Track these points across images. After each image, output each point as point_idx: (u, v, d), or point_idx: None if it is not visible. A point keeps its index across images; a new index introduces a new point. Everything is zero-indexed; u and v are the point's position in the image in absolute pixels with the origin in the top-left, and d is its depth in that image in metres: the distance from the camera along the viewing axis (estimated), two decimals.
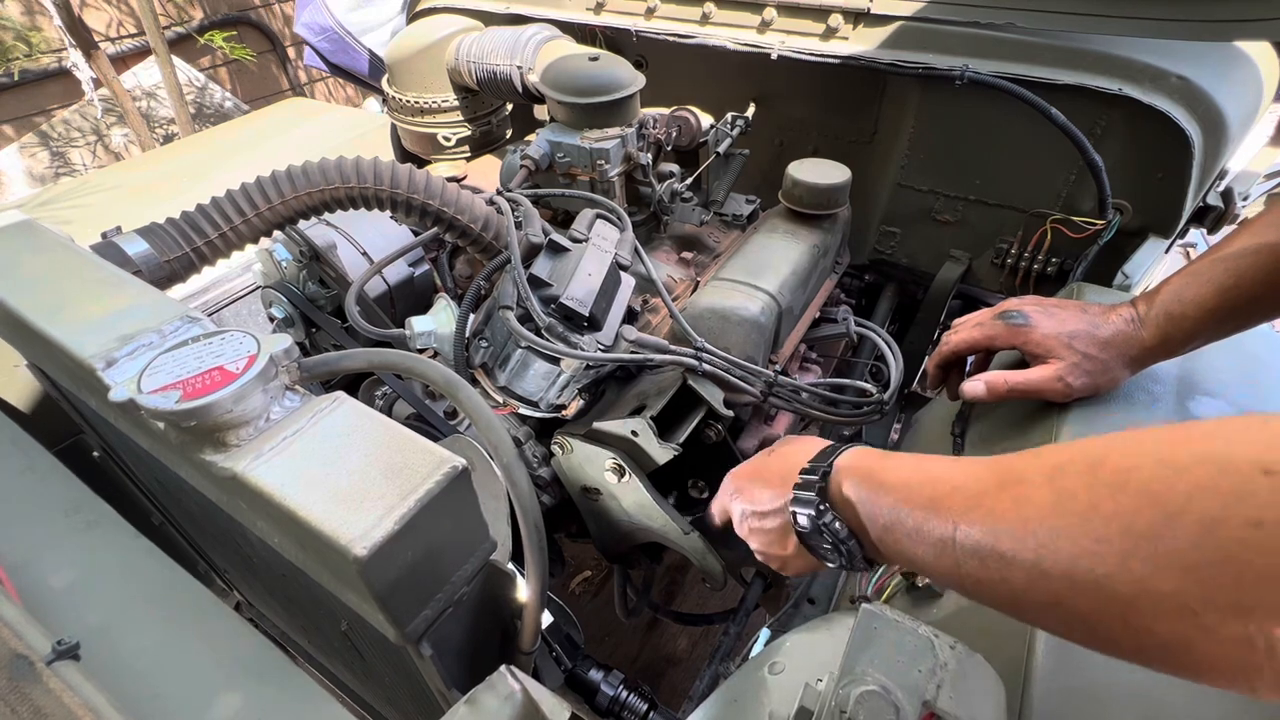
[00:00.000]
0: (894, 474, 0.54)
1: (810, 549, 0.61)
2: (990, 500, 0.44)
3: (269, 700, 0.60)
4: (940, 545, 0.46)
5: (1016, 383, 0.78)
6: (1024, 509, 0.41)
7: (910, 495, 0.50)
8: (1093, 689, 0.53)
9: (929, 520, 0.47)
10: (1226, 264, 0.68)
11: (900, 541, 0.51)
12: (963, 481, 0.47)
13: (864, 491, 0.55)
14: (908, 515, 0.50)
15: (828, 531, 0.57)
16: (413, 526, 0.50)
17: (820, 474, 0.59)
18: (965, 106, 1.26)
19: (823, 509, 0.58)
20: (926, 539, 0.47)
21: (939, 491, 0.48)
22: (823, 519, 0.58)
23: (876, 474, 0.55)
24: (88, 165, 3.68)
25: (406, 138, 1.54)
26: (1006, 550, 0.41)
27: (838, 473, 0.59)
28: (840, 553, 0.57)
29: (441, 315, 1.06)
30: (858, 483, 0.56)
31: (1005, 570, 0.41)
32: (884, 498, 0.53)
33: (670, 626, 1.96)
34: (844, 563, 0.58)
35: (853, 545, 0.56)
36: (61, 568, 0.69)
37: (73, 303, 0.68)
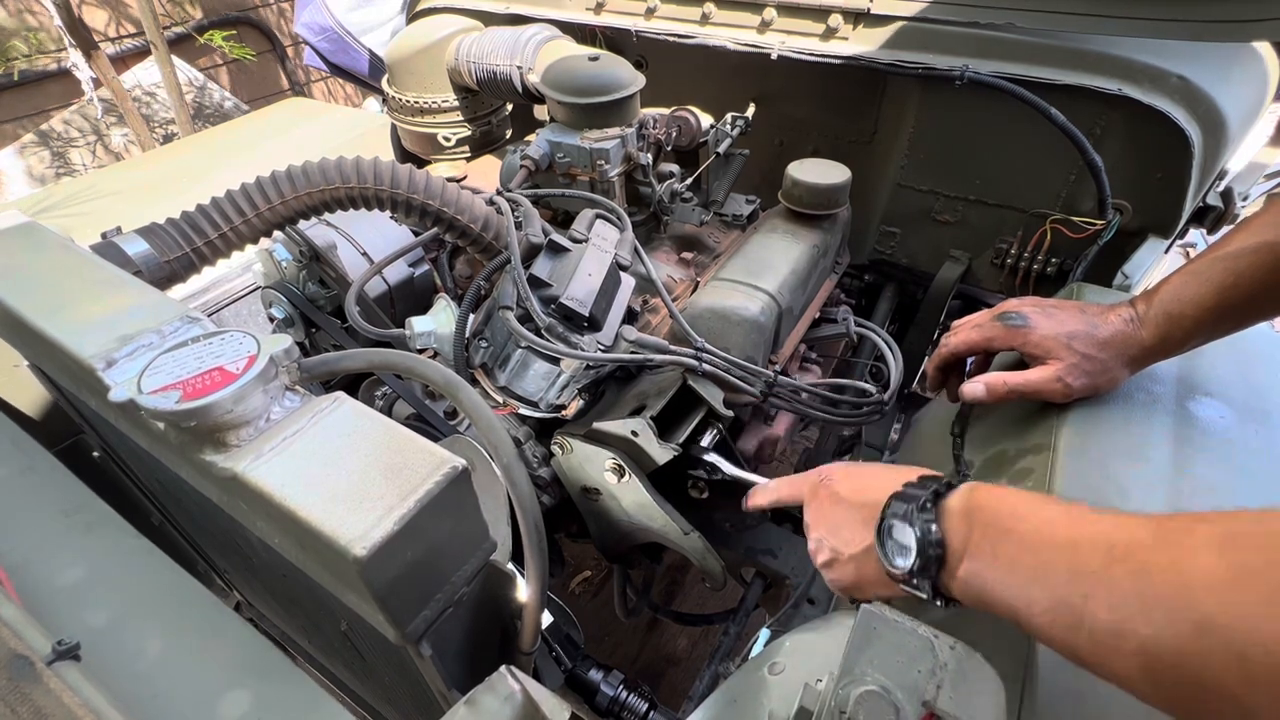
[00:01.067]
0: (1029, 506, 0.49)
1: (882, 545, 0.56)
2: (1143, 557, 0.40)
3: (269, 700, 0.60)
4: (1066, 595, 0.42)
5: (1016, 384, 0.78)
6: (1187, 575, 0.37)
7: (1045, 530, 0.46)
8: (1093, 689, 0.53)
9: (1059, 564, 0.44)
10: (1225, 263, 0.68)
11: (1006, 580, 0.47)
12: (1109, 530, 0.43)
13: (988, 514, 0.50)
14: (1033, 553, 0.46)
15: (919, 526, 0.52)
16: (413, 527, 0.50)
17: (944, 483, 0.55)
18: (965, 107, 1.26)
19: (928, 506, 0.53)
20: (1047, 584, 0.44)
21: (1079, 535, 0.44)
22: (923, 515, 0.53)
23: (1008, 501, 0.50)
24: (88, 165, 3.68)
25: (406, 138, 1.54)
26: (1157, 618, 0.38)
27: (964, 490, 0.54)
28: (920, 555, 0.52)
29: (441, 315, 1.06)
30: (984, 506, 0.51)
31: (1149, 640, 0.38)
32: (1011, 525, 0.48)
33: (670, 626, 1.96)
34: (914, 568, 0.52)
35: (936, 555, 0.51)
36: (61, 568, 0.69)
37: (73, 303, 0.68)
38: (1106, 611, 0.40)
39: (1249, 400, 0.79)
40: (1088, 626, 0.41)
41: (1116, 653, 0.40)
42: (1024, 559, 0.46)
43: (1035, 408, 0.81)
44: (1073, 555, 0.43)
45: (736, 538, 1.17)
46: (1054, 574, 0.44)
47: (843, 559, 0.61)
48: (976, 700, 0.45)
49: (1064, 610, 0.42)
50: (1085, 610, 0.41)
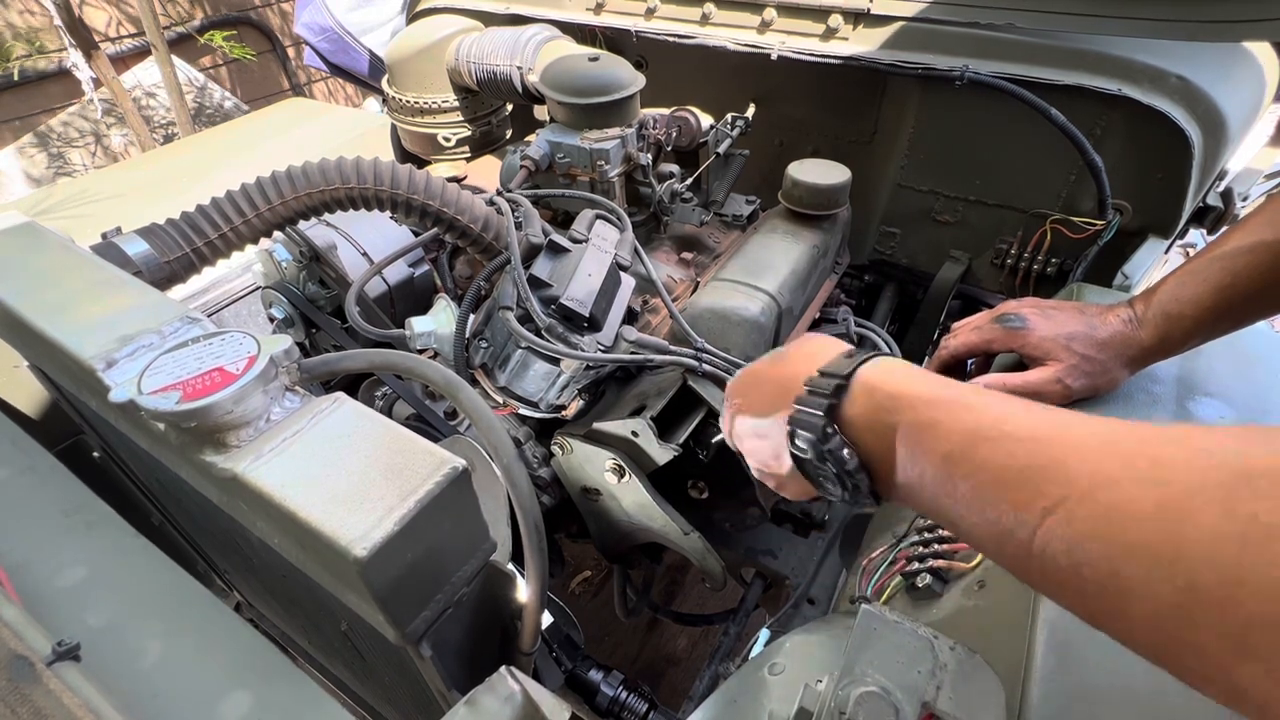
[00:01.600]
0: (949, 411, 0.42)
1: (807, 476, 0.52)
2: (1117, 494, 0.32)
3: (269, 700, 0.60)
4: (1010, 525, 0.36)
5: (1015, 385, 0.78)
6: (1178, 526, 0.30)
7: (974, 454, 0.39)
8: (1092, 689, 0.54)
9: (999, 493, 0.37)
10: (1223, 262, 0.68)
11: (940, 500, 0.41)
12: (1064, 451, 0.36)
13: (901, 425, 0.44)
14: (964, 478, 0.39)
15: (832, 460, 0.47)
16: (413, 527, 0.50)
17: (833, 388, 0.48)
18: (965, 107, 1.26)
19: (830, 432, 0.47)
20: (986, 512, 0.38)
21: (1026, 455, 0.37)
22: (827, 445, 0.47)
23: (920, 406, 0.44)
24: (87, 166, 3.68)
25: (406, 138, 1.54)
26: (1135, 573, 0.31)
27: (860, 389, 0.48)
28: (844, 486, 0.48)
29: (441, 316, 1.06)
30: (888, 409, 0.45)
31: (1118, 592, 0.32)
32: (931, 445, 0.42)
33: (670, 626, 1.96)
34: (846, 497, 0.49)
35: (861, 479, 0.47)
36: (62, 568, 0.69)
37: (73, 303, 0.68)
38: (1061, 551, 0.34)
39: (1248, 400, 0.79)
40: (1038, 561, 0.35)
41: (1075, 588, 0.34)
42: (957, 483, 0.40)
43: None
44: (1014, 486, 0.37)
45: (736, 538, 1.17)
46: (994, 503, 0.38)
47: (784, 480, 0.58)
48: (976, 701, 0.45)
49: (1009, 542, 0.37)
50: (1033, 545, 0.35)
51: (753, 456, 0.61)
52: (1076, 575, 0.33)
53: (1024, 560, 0.36)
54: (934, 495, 0.42)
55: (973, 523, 0.40)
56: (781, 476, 0.58)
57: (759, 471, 0.62)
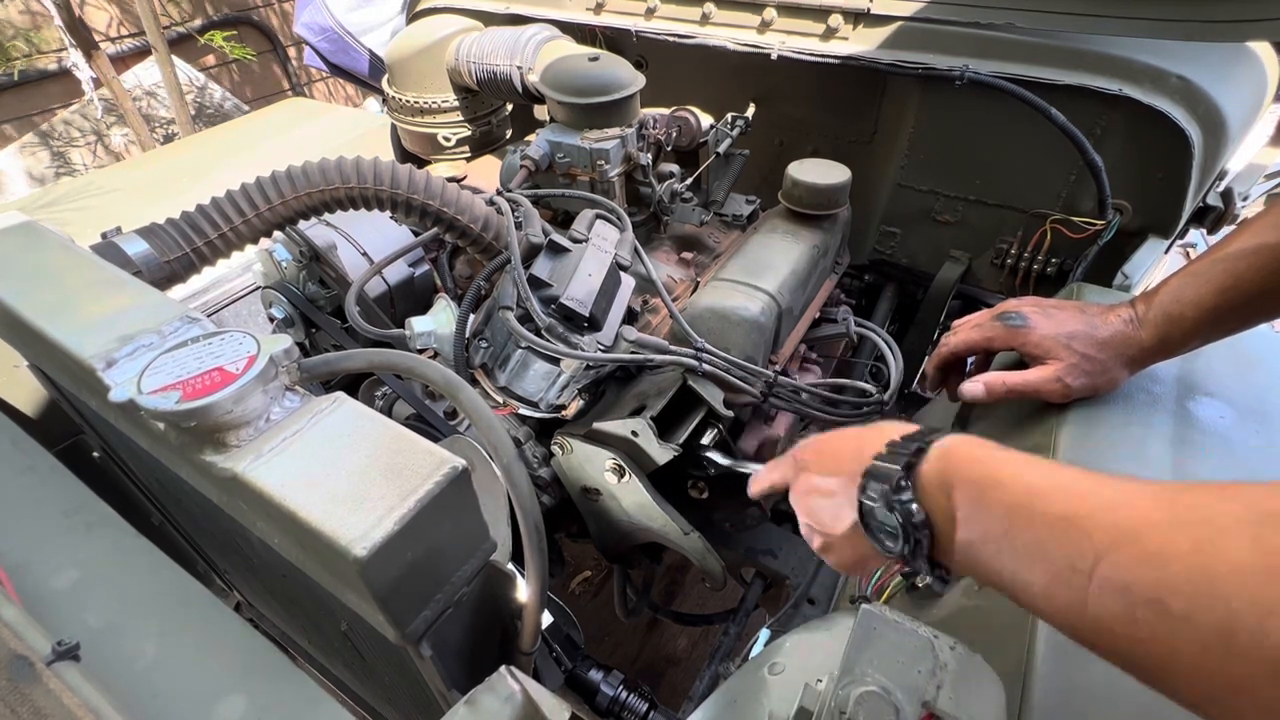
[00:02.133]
0: (1014, 469, 0.45)
1: (868, 529, 0.54)
2: (1159, 538, 0.35)
3: (269, 700, 0.60)
4: (1066, 574, 0.38)
5: (1015, 384, 0.78)
6: (1214, 565, 0.33)
7: (1036, 503, 0.42)
8: (1093, 689, 0.54)
9: (1056, 540, 0.39)
10: (1225, 264, 0.68)
11: (1001, 556, 0.43)
12: (1116, 501, 0.39)
13: (969, 484, 0.46)
14: (1026, 527, 0.42)
15: (899, 511, 0.49)
16: (413, 527, 0.50)
17: (914, 449, 0.51)
18: (965, 107, 1.26)
19: (903, 485, 0.50)
20: (1044, 561, 0.40)
21: (1078, 507, 0.40)
22: (898, 496, 0.49)
23: (989, 466, 0.46)
24: (88, 165, 3.68)
25: (406, 138, 1.54)
26: (1176, 609, 0.33)
27: (938, 454, 0.50)
28: (906, 540, 0.49)
29: (441, 315, 1.06)
30: (960, 472, 0.47)
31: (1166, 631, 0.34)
32: (997, 495, 0.44)
33: (670, 626, 1.96)
34: (905, 553, 0.50)
35: (924, 535, 0.48)
36: (61, 568, 0.69)
37: (73, 303, 0.68)
38: (1115, 596, 0.36)
39: (1249, 400, 0.79)
40: (1091, 613, 0.37)
41: (1128, 640, 0.36)
42: (1017, 534, 0.42)
43: (1035, 408, 0.81)
44: (1071, 533, 0.39)
45: (736, 538, 1.17)
46: (1051, 554, 0.40)
47: (835, 542, 0.60)
48: (976, 700, 0.45)
49: (1064, 592, 0.39)
50: (1089, 594, 0.37)
51: (808, 514, 0.63)
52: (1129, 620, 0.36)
53: (1080, 607, 0.38)
54: (995, 552, 0.44)
55: (1030, 575, 0.42)
56: (833, 537, 0.59)
57: (807, 528, 0.64)
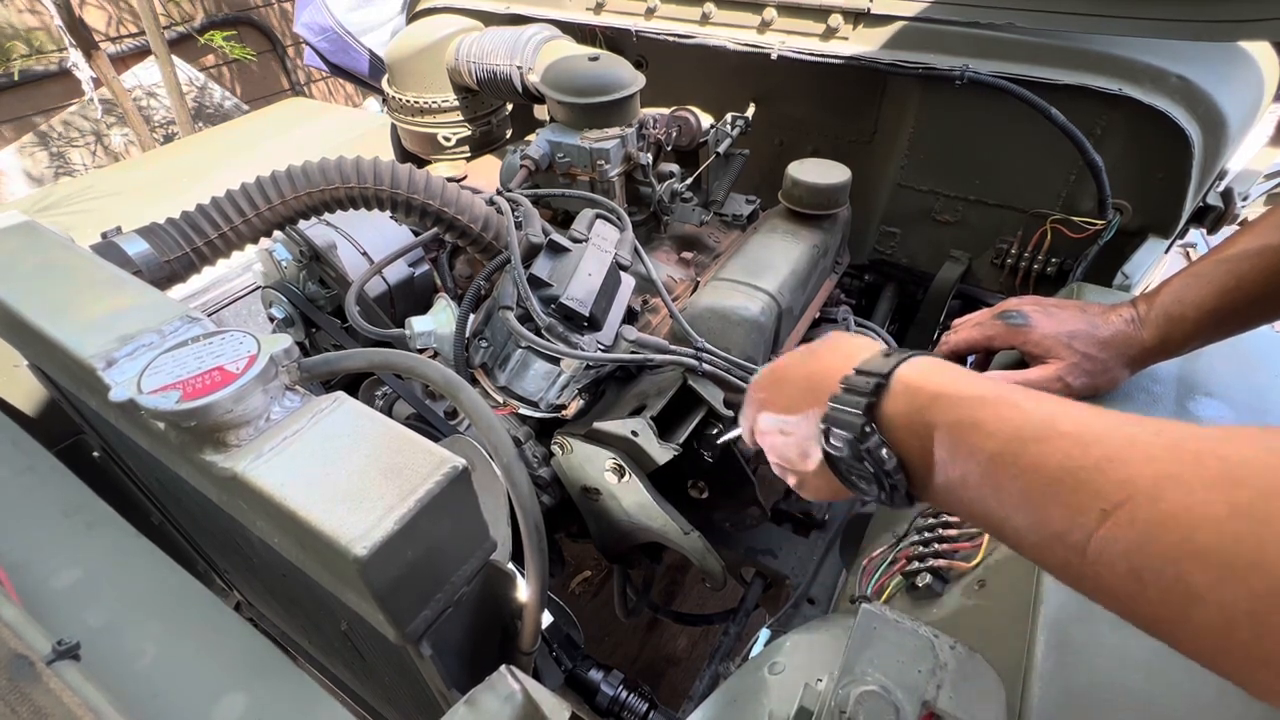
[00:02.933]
0: (994, 410, 0.41)
1: (839, 475, 0.50)
2: (1183, 498, 0.31)
3: (269, 700, 0.60)
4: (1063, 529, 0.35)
5: (1015, 383, 0.78)
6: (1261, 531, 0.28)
7: (1025, 450, 0.38)
8: (1093, 689, 0.54)
9: (1051, 492, 0.36)
10: (1228, 265, 0.67)
11: (984, 501, 0.40)
12: (1124, 451, 0.34)
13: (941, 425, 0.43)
14: (1012, 477, 0.38)
15: (870, 460, 0.46)
16: (413, 527, 0.50)
17: (873, 387, 0.47)
18: (965, 106, 1.26)
19: (868, 431, 0.46)
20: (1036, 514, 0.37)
21: (1078, 457, 0.36)
22: (865, 444, 0.46)
23: (963, 405, 0.42)
24: (88, 165, 3.68)
25: (406, 138, 1.54)
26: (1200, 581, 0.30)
27: (899, 388, 0.46)
28: (881, 486, 0.46)
29: (441, 315, 1.06)
30: (929, 408, 0.44)
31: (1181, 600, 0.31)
32: (976, 442, 0.41)
33: (670, 626, 1.96)
34: (882, 497, 0.47)
35: (899, 479, 0.45)
36: (61, 568, 0.69)
37: (73, 303, 0.68)
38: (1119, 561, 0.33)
39: (1249, 401, 0.79)
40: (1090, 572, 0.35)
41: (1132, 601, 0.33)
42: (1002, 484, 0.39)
43: None
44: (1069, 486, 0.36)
45: (736, 538, 1.17)
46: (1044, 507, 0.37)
47: (808, 479, 0.57)
48: (976, 700, 0.45)
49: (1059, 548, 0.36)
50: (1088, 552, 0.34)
51: (775, 453, 0.59)
52: (1136, 581, 0.32)
53: (1076, 566, 0.35)
54: (977, 497, 0.41)
55: (1018, 525, 0.39)
56: (805, 474, 0.56)
57: (779, 468, 0.61)
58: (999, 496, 0.39)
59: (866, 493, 0.49)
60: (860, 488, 0.49)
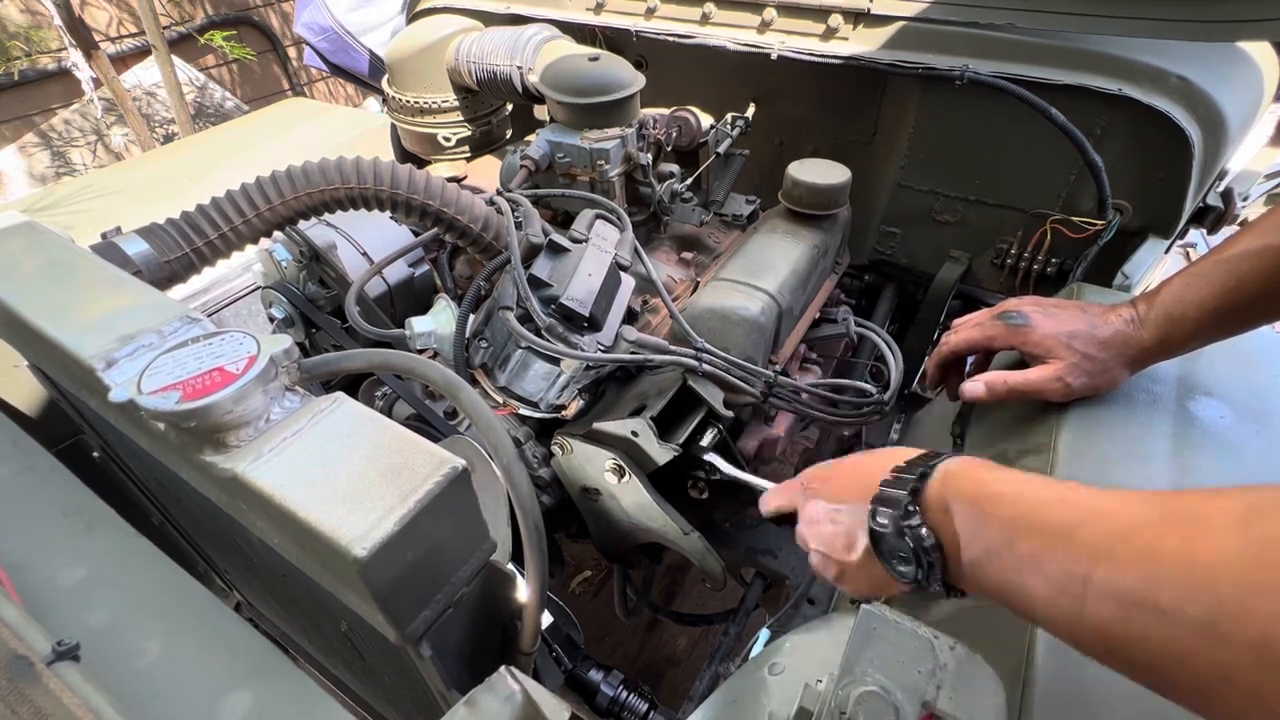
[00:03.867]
0: (1012, 487, 0.47)
1: (881, 556, 0.55)
2: (1149, 537, 0.37)
3: (269, 700, 0.60)
4: (1063, 581, 0.40)
5: (1016, 383, 0.78)
6: (1201, 556, 0.34)
7: (1033, 515, 0.44)
8: (1093, 690, 0.53)
9: (1054, 549, 0.41)
10: (1228, 266, 0.67)
11: (1004, 570, 0.45)
12: (1109, 509, 0.40)
13: (969, 503, 0.48)
14: (1024, 538, 0.43)
15: (910, 536, 0.51)
16: (413, 527, 0.50)
17: (918, 474, 0.53)
18: (965, 107, 1.26)
19: (911, 510, 0.51)
20: (1044, 570, 0.41)
21: (1072, 517, 0.41)
22: (908, 521, 0.51)
23: (988, 485, 0.48)
24: (88, 165, 3.68)
25: (406, 138, 1.54)
26: (1166, 603, 0.34)
27: (941, 476, 0.52)
28: (919, 565, 0.51)
29: (441, 315, 1.06)
30: (963, 491, 0.49)
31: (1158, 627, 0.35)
32: (995, 511, 0.46)
33: (670, 626, 1.96)
34: (919, 578, 0.51)
35: (936, 559, 0.50)
36: (61, 568, 0.69)
37: (73, 303, 0.68)
38: (1109, 599, 0.37)
39: (1249, 400, 0.79)
40: (1091, 615, 0.39)
41: (1123, 640, 0.37)
42: (1016, 547, 0.44)
43: (1035, 407, 0.81)
44: (1067, 542, 0.41)
45: (736, 538, 1.17)
46: (1049, 563, 0.41)
47: (850, 570, 0.60)
48: (976, 701, 0.45)
49: (1064, 598, 0.40)
50: (1087, 597, 0.39)
51: (821, 541, 0.63)
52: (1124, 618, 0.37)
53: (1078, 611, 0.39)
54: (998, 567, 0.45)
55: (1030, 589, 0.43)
56: (848, 564, 0.60)
57: (821, 558, 0.63)
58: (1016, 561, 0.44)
59: (905, 576, 0.53)
60: (899, 571, 0.53)
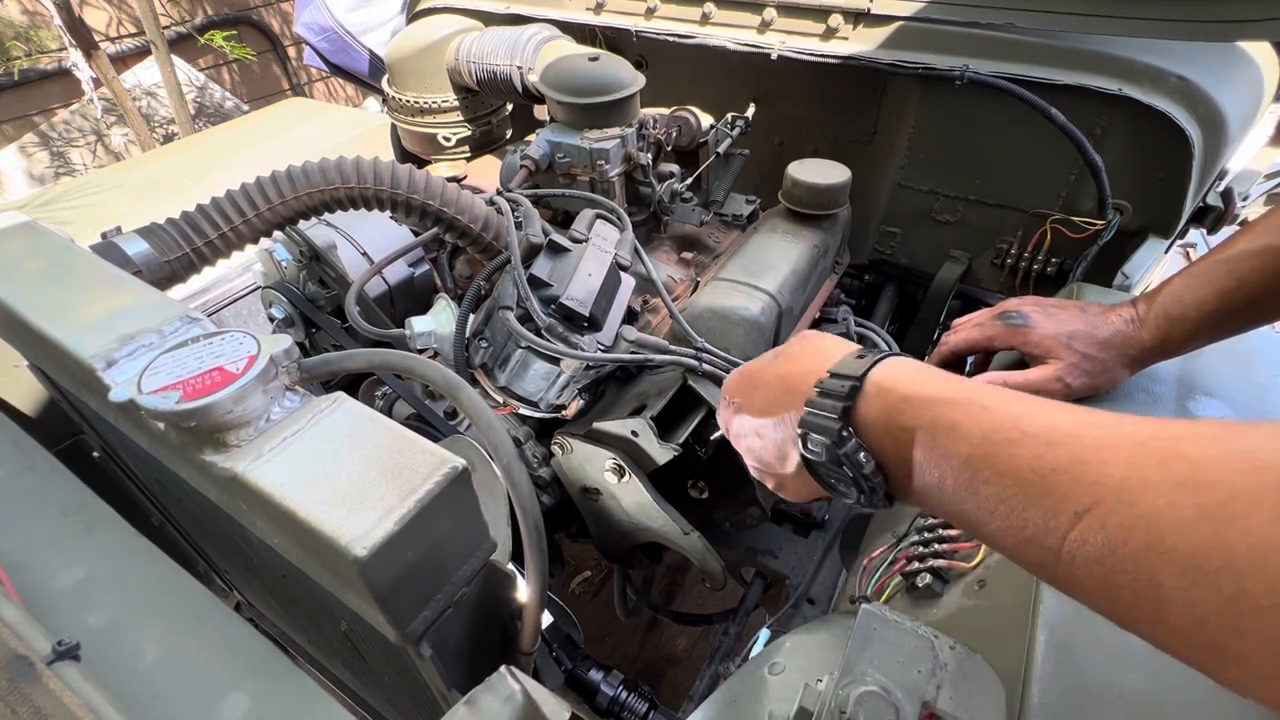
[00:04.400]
0: (966, 412, 0.41)
1: (818, 478, 0.50)
2: (1154, 500, 0.31)
3: (269, 700, 0.60)
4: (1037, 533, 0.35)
5: (1015, 383, 0.78)
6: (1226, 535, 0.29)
7: (999, 453, 0.38)
8: (1092, 689, 0.54)
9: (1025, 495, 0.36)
10: (1228, 266, 0.67)
11: (963, 503, 0.40)
12: (1095, 453, 0.34)
13: (915, 429, 0.43)
14: (987, 480, 0.38)
15: (848, 463, 0.46)
16: (413, 527, 0.50)
17: (847, 390, 0.47)
18: (965, 106, 1.26)
19: (845, 435, 0.46)
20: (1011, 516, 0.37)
21: (1051, 459, 0.36)
22: (843, 448, 0.46)
23: (937, 407, 0.42)
24: (88, 165, 3.68)
25: (406, 138, 1.54)
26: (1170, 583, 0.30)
27: (873, 391, 0.46)
28: (860, 488, 0.47)
29: (441, 315, 1.06)
30: (903, 412, 0.44)
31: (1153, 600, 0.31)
32: (950, 445, 0.41)
33: (670, 626, 1.96)
34: (861, 501, 0.48)
35: (878, 482, 0.46)
36: (61, 568, 0.69)
37: (73, 303, 0.68)
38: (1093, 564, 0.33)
39: (1249, 400, 0.79)
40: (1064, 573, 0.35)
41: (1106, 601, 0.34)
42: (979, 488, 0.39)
43: None
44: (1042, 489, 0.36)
45: (736, 538, 1.17)
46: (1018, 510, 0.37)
47: (787, 482, 0.57)
48: (976, 700, 0.45)
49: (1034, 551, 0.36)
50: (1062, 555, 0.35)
51: (752, 455, 0.60)
52: (1109, 583, 0.33)
53: (1052, 566, 0.35)
54: (955, 499, 0.41)
55: (996, 528, 0.39)
56: (784, 476, 0.56)
57: (758, 471, 0.61)
58: (976, 500, 0.40)
59: (845, 495, 0.49)
60: (839, 490, 0.50)
